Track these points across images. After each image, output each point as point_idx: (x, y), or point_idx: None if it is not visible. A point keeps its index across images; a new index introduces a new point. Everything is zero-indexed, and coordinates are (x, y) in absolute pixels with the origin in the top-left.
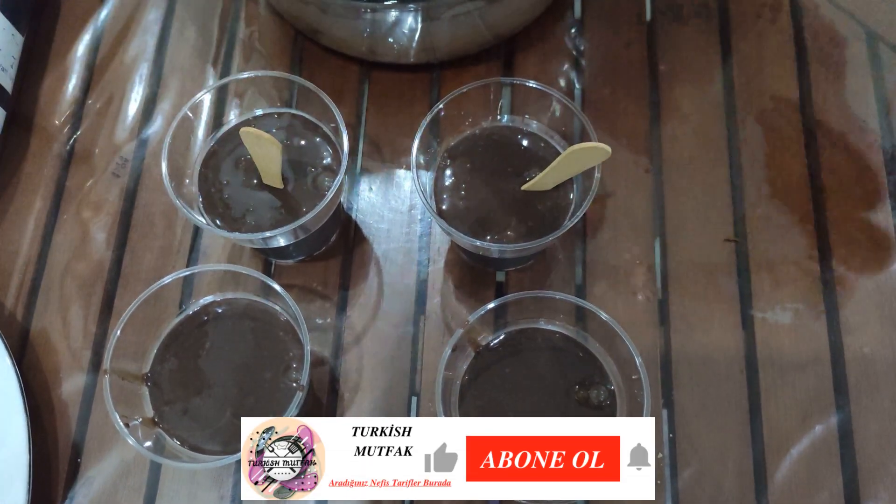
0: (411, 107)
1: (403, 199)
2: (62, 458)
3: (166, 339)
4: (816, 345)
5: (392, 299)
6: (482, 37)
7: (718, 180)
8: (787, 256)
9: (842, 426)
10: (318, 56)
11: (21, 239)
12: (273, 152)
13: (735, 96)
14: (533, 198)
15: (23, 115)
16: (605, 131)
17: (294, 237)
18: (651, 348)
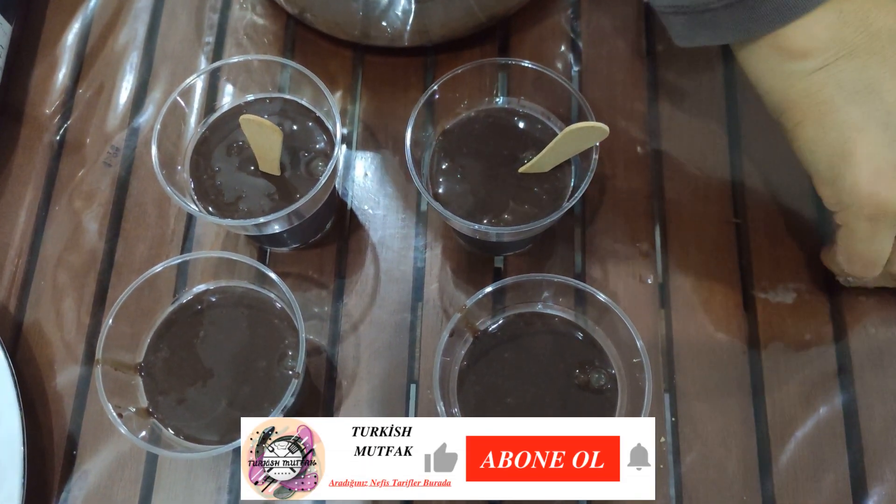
0: (406, 92)
1: (399, 184)
2: (57, 451)
3: (160, 329)
4: (820, 324)
5: (389, 286)
6: (476, 18)
7: (718, 160)
8: (789, 235)
9: (847, 407)
10: (310, 41)
11: (12, 230)
12: (274, 140)
13: (734, 75)
14: (530, 180)
15: (12, 106)
16: (602, 113)
17: (288, 223)
18: (652, 332)
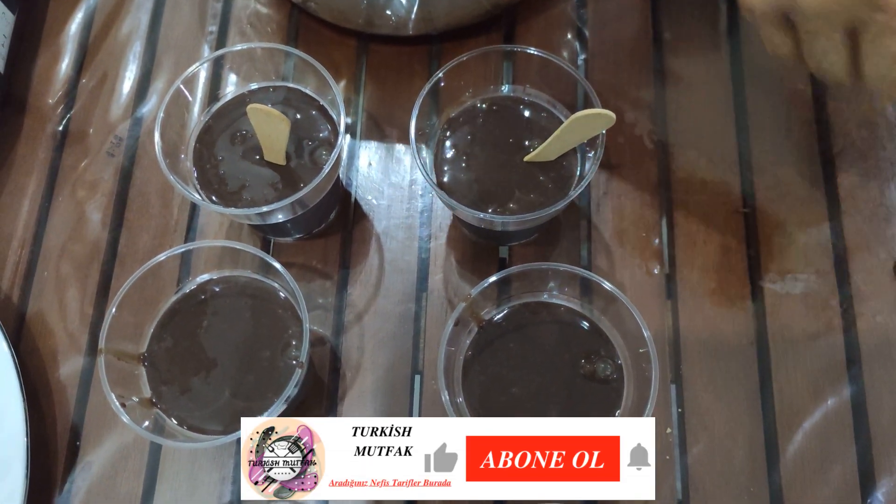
0: (410, 80)
1: (403, 174)
2: (60, 442)
3: (163, 319)
4: (828, 315)
5: (393, 276)
6: (481, 6)
7: (726, 149)
8: (798, 225)
9: (855, 398)
10: (314, 30)
11: (16, 221)
12: (281, 129)
13: (742, 64)
14: (536, 169)
15: (15, 96)
16: (609, 102)
17: (292, 212)
18: (659, 322)
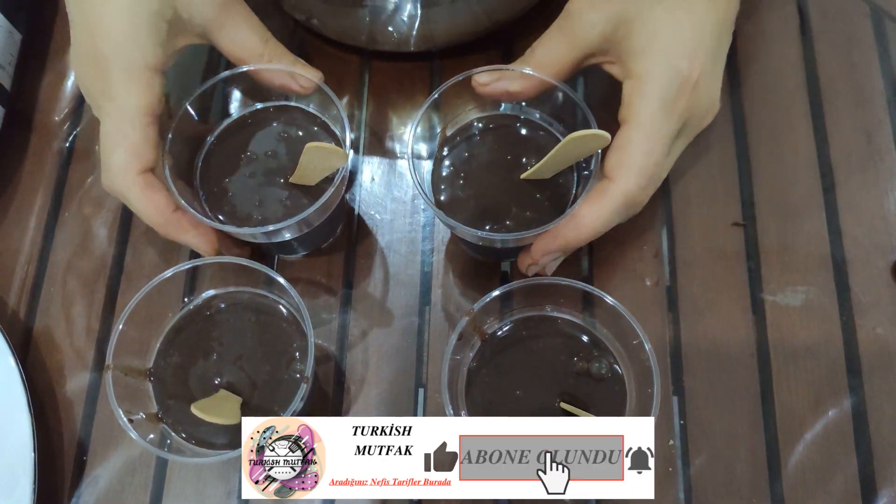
0: (412, 97)
1: (405, 189)
2: (67, 457)
3: (169, 334)
4: (828, 326)
5: (397, 290)
6: (481, 24)
7: (725, 162)
8: (797, 238)
9: (856, 409)
10: (317, 47)
11: (22, 237)
12: (334, 161)
13: (738, 76)
14: (533, 186)
15: (22, 113)
16: (606, 119)
17: (298, 231)
18: (660, 335)
